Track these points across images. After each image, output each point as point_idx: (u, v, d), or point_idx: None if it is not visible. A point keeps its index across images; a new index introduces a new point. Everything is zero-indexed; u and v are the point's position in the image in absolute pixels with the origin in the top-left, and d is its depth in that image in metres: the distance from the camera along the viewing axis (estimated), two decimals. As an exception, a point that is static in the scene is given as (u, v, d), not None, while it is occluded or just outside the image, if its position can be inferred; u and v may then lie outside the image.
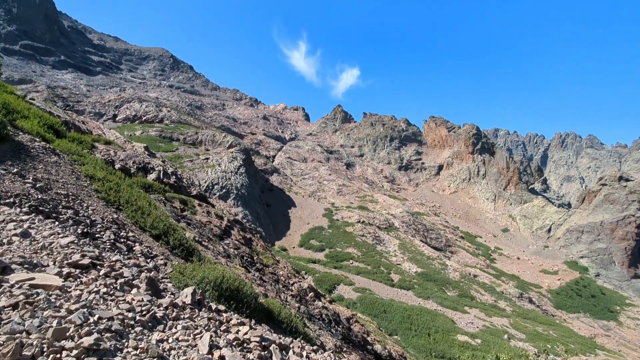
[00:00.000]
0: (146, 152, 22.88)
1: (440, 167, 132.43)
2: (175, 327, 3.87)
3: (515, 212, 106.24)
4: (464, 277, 56.24)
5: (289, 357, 4.37)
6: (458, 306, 42.44)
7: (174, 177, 19.94)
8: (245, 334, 4.36)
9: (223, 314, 4.87)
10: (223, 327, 4.39)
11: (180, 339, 3.65)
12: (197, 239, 11.53)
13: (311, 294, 15.48)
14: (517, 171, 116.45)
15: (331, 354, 5.41)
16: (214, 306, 4.88)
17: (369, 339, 16.91)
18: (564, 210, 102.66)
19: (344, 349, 11.58)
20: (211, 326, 4.23)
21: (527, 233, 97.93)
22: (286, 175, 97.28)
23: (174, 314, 4.10)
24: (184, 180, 22.37)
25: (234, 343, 4.05)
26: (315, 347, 5.50)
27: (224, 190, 61.54)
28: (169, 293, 4.89)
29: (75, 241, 5.33)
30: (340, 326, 14.47)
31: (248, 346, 4.13)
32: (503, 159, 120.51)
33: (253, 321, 5.17)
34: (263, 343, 4.24)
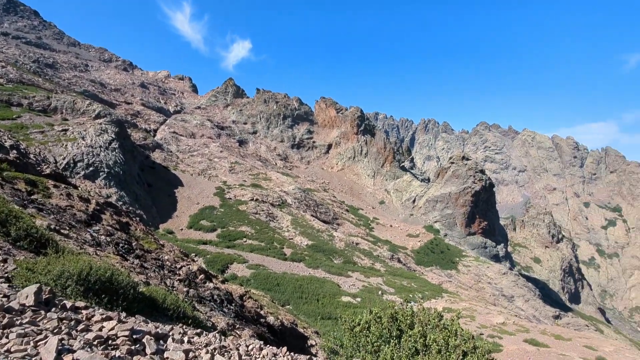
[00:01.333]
0: (-35, 119, 17.39)
1: (330, 146, 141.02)
2: (7, 337, 3.09)
3: (390, 186, 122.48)
4: (348, 245, 62.61)
5: (166, 346, 4.06)
6: (342, 272, 47.24)
7: (15, 151, 16.00)
8: (112, 329, 3.83)
9: (82, 311, 4.15)
10: (81, 327, 3.74)
11: (12, 350, 2.93)
12: (53, 227, 9.56)
13: (201, 276, 14.85)
14: (392, 151, 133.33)
15: (217, 334, 5.29)
16: (69, 304, 4.11)
17: (262, 312, 17.33)
18: (425, 184, 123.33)
19: (237, 326, 11.59)
20: (63, 328, 3.55)
21: (398, 204, 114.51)
22: (171, 151, 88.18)
23: (6, 320, 3.27)
24: (32, 156, 18.15)
25: (95, 342, 3.50)
26: (199, 330, 5.28)
27: (90, 169, 52.09)
28: (1, 296, 3.88)
29: None
30: (233, 304, 14.38)
31: (114, 343, 3.64)
32: (381, 140, 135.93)
33: (124, 314, 4.59)
34: (134, 336, 3.80)
